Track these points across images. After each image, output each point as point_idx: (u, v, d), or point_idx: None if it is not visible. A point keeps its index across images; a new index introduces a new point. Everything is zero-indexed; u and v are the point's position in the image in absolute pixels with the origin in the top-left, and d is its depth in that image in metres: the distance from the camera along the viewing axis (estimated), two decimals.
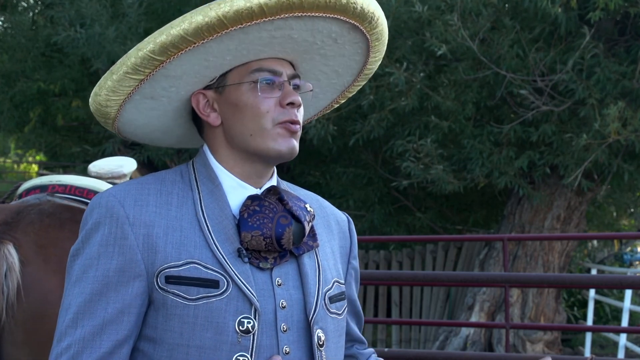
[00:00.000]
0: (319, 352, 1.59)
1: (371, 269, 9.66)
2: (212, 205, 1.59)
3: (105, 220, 1.53)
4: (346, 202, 9.42)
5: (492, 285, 7.29)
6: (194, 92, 1.64)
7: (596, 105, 7.04)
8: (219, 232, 1.56)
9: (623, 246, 13.54)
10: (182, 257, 1.52)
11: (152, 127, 1.72)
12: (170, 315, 1.51)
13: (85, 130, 11.98)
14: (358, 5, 1.57)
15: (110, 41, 8.26)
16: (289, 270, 1.61)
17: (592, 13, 6.65)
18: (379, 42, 1.69)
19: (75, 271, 1.54)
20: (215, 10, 1.48)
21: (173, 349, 1.51)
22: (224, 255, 1.54)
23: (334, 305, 1.65)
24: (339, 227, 1.79)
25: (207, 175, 1.62)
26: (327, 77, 1.75)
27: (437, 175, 7.47)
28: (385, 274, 7.14)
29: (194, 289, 1.50)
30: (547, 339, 8.40)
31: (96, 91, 1.61)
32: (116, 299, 1.50)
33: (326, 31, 1.60)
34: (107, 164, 4.32)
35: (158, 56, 1.52)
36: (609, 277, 5.84)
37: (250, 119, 1.59)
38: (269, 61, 1.61)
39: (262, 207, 1.59)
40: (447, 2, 7.39)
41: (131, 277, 1.51)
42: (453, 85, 7.70)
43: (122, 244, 1.52)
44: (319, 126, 7.70)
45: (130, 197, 1.56)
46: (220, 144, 1.64)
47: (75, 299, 1.51)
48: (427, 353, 5.55)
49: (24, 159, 22.95)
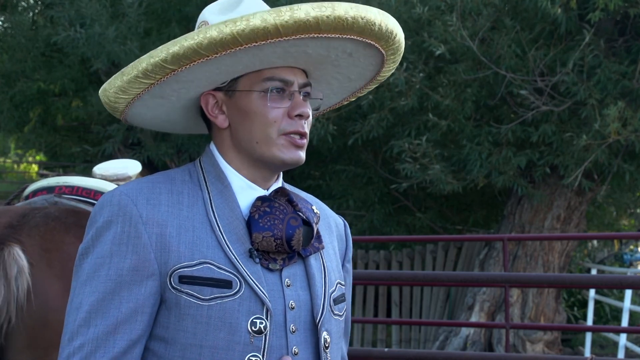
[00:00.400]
0: (325, 354, 1.61)
1: (371, 269, 9.66)
2: (222, 206, 1.59)
3: (118, 218, 1.53)
4: (346, 202, 9.42)
5: (492, 285, 7.29)
6: (203, 92, 1.64)
7: (596, 106, 7.04)
8: (230, 233, 1.56)
9: (623, 246, 13.54)
10: (196, 257, 1.52)
11: (160, 119, 1.72)
12: (183, 315, 1.51)
13: (85, 130, 11.98)
14: (376, 26, 1.55)
15: (110, 41, 8.26)
16: (296, 271, 1.62)
17: (592, 13, 6.65)
18: (394, 55, 1.68)
19: (85, 270, 1.53)
20: (231, 28, 1.47)
21: (186, 349, 1.51)
22: (236, 256, 1.54)
23: (337, 307, 1.66)
24: (337, 229, 1.80)
25: (215, 175, 1.62)
26: (339, 82, 1.75)
27: (435, 176, 7.46)
28: (385, 274, 7.15)
29: (208, 289, 1.50)
30: (547, 339, 8.40)
31: (106, 87, 1.61)
32: (129, 299, 1.50)
33: (341, 47, 1.60)
34: (112, 167, 4.32)
35: (170, 65, 1.52)
36: (609, 277, 5.84)
37: (258, 126, 1.59)
38: (282, 70, 1.60)
39: (272, 209, 1.59)
40: (447, 3, 7.39)
41: (144, 277, 1.51)
42: (453, 85, 7.69)
43: (135, 243, 1.51)
44: (319, 125, 7.70)
45: (143, 196, 1.55)
46: (227, 146, 1.64)
47: (87, 297, 1.50)
48: (427, 353, 5.55)
49: (24, 159, 22.96)
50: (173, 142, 9.55)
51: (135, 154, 9.74)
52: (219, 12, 1.64)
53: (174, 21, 8.95)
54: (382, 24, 1.56)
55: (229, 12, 1.63)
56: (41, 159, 19.24)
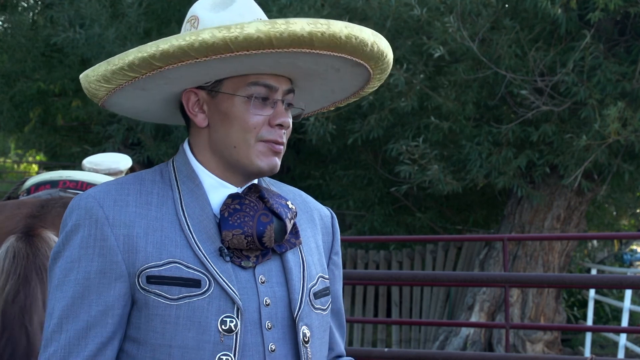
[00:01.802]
0: (305, 348, 1.59)
1: (371, 269, 9.66)
2: (192, 205, 1.58)
3: (85, 222, 1.53)
4: (346, 203, 9.42)
5: (492, 285, 7.30)
6: (186, 89, 1.62)
7: (596, 106, 7.04)
8: (200, 232, 1.56)
9: (623, 246, 13.54)
10: (163, 256, 1.52)
11: (139, 109, 1.71)
12: (152, 316, 1.51)
13: (85, 130, 11.99)
14: (368, 47, 1.55)
15: (110, 41, 8.26)
16: (272, 267, 1.61)
17: (592, 13, 6.65)
18: (381, 74, 1.68)
19: (57, 274, 1.54)
20: (224, 34, 1.46)
21: (156, 350, 1.51)
22: (206, 255, 1.53)
23: (318, 301, 1.65)
24: (322, 222, 1.78)
25: (187, 174, 1.61)
26: (321, 92, 1.74)
27: (434, 176, 7.46)
28: (385, 274, 7.15)
29: (176, 289, 1.50)
30: (547, 339, 8.40)
31: (89, 73, 1.60)
32: (99, 301, 1.50)
33: (330, 63, 1.59)
34: (104, 160, 4.29)
35: (157, 62, 1.51)
36: (609, 277, 5.84)
37: (237, 131, 1.58)
38: (267, 75, 1.59)
39: (242, 206, 1.58)
40: (446, 4, 7.38)
41: (112, 279, 1.51)
42: (453, 85, 7.69)
43: (102, 246, 1.51)
44: (318, 124, 7.69)
45: (110, 198, 1.55)
46: (203, 146, 1.63)
47: (58, 302, 1.51)
48: (427, 353, 5.56)
49: (24, 159, 22.95)
50: (173, 142, 9.55)
51: (135, 153, 9.74)
52: (211, 8, 1.63)
53: (173, 21, 8.95)
54: (375, 45, 1.56)
55: (221, 9, 1.62)
56: (41, 159, 19.24)
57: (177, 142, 9.53)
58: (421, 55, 7.71)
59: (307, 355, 1.59)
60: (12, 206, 3.12)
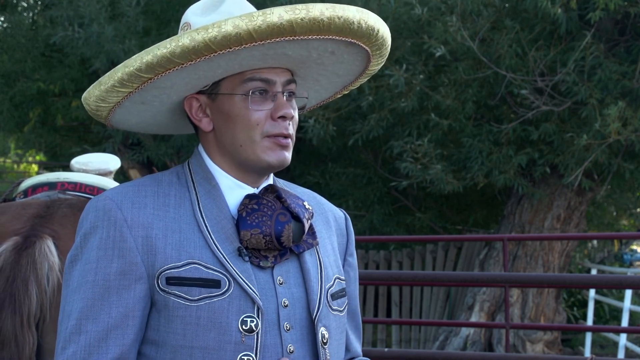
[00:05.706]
0: (323, 349, 1.58)
1: (371, 269, 9.65)
2: (210, 206, 1.58)
3: (103, 223, 1.52)
4: (346, 202, 9.41)
5: (492, 285, 7.29)
6: (187, 96, 1.62)
7: (596, 105, 7.04)
8: (218, 232, 1.55)
9: (623, 246, 13.53)
10: (182, 257, 1.51)
11: (147, 123, 1.71)
12: (172, 317, 1.50)
13: (85, 130, 11.97)
14: (355, 24, 1.52)
15: (109, 40, 8.25)
16: (290, 268, 1.60)
17: (592, 13, 6.64)
18: (380, 50, 1.64)
19: (74, 277, 1.53)
20: (202, 35, 1.45)
21: (176, 351, 1.50)
22: (224, 255, 1.53)
23: (335, 302, 1.64)
24: (336, 223, 1.78)
25: (203, 176, 1.61)
26: (327, 79, 1.72)
27: (436, 175, 7.46)
28: (385, 274, 7.14)
29: (196, 290, 1.49)
30: (547, 339, 8.40)
31: (85, 96, 1.61)
32: (119, 303, 1.49)
33: (322, 47, 1.57)
34: (93, 161, 4.25)
35: (145, 74, 1.51)
36: (609, 277, 5.84)
37: (241, 130, 1.57)
38: (263, 70, 1.57)
39: (260, 206, 1.58)
40: (447, 4, 7.38)
41: (132, 280, 1.50)
42: (453, 85, 7.69)
43: (121, 247, 1.51)
44: (318, 126, 7.70)
45: (128, 199, 1.55)
46: (213, 148, 1.63)
47: (77, 304, 1.50)
48: (427, 353, 5.55)
49: (23, 159, 22.94)
50: (173, 142, 9.54)
51: (135, 154, 9.74)
52: (201, 13, 1.62)
53: (173, 21, 8.94)
54: (362, 21, 1.53)
55: (211, 12, 1.61)
56: (41, 159, 19.23)
57: (177, 143, 9.52)
58: (421, 56, 7.71)
59: (325, 356, 1.59)
60: (17, 206, 3.10)
